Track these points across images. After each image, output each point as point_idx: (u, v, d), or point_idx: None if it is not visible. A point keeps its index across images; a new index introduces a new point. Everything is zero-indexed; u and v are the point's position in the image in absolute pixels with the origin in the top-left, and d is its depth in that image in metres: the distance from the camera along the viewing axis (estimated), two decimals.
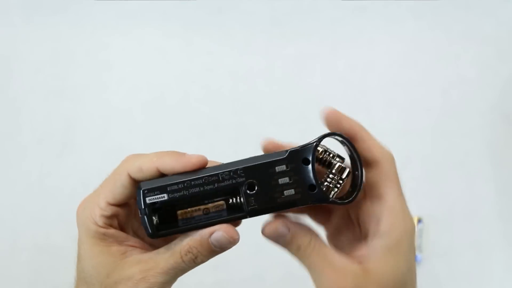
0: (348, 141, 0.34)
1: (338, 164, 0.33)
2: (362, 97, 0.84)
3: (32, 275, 0.78)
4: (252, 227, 0.81)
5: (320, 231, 0.38)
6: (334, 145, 0.36)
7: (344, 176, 0.33)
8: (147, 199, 0.31)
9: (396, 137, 0.83)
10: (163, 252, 0.33)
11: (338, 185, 0.33)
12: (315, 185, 0.32)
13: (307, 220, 0.38)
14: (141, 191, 0.32)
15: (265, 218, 0.35)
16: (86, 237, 0.33)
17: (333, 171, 0.33)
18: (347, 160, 0.35)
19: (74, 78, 0.86)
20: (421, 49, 0.86)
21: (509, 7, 0.86)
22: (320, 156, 0.34)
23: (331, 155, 0.34)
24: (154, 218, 0.32)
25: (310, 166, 0.32)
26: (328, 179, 0.33)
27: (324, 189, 0.33)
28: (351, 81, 0.85)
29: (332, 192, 0.33)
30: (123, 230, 0.35)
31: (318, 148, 0.34)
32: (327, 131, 0.34)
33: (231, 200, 0.33)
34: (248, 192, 0.32)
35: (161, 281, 0.33)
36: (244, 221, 0.36)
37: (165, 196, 0.31)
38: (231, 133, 0.83)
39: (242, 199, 0.32)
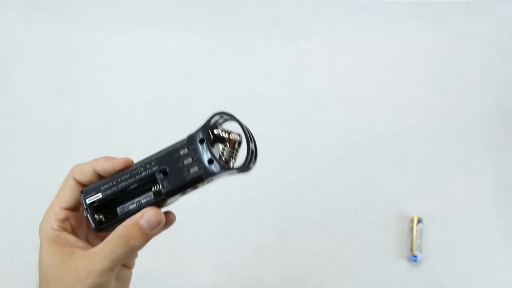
0: (233, 117, 0.38)
1: (229, 137, 0.38)
2: (362, 97, 0.84)
3: (32, 275, 0.78)
4: (252, 227, 0.81)
5: None
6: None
7: (235, 146, 0.38)
8: (86, 199, 0.38)
9: (396, 137, 0.83)
10: (101, 244, 0.37)
11: (234, 155, 0.38)
12: (212, 159, 0.37)
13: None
14: (82, 194, 0.39)
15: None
16: (44, 240, 0.40)
17: (226, 144, 0.38)
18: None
19: (74, 78, 0.86)
20: (421, 49, 0.86)
21: (509, 7, 0.86)
22: (217, 134, 0.38)
23: (225, 132, 0.38)
24: (97, 216, 0.38)
25: (205, 144, 0.37)
26: (225, 152, 0.38)
27: (223, 160, 0.38)
28: (351, 81, 0.85)
29: (231, 163, 0.38)
30: (75, 235, 0.40)
31: (218, 130, 0.38)
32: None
33: (154, 187, 0.38)
34: (162, 176, 0.37)
35: (99, 269, 0.36)
36: (244, 221, 0.38)
37: (100, 195, 0.38)
38: None
39: (159, 184, 0.37)
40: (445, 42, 0.86)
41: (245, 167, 0.38)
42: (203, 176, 0.37)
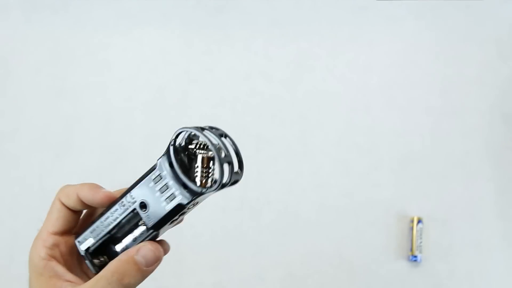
0: (198, 131, 0.33)
1: (200, 156, 0.34)
2: (362, 97, 0.84)
3: None
4: (252, 228, 0.81)
5: None
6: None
7: (209, 164, 0.34)
8: (81, 246, 0.36)
9: (396, 137, 0.83)
10: (91, 281, 0.34)
11: (206, 174, 0.34)
12: (185, 183, 0.33)
13: None
14: (76, 241, 0.37)
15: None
16: (31, 272, 0.36)
17: (198, 164, 0.34)
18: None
19: (74, 78, 0.86)
20: (421, 49, 0.86)
21: (509, 7, 0.86)
22: (187, 152, 0.34)
23: (196, 147, 0.34)
24: (96, 260, 0.36)
25: (176, 168, 0.33)
26: (198, 173, 0.34)
27: (198, 182, 0.33)
28: (351, 81, 0.85)
29: (204, 182, 0.34)
30: (66, 262, 0.37)
31: (180, 145, 0.34)
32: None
33: (141, 221, 0.35)
34: (144, 211, 0.34)
35: None
36: (244, 221, 0.37)
37: (92, 240, 0.36)
38: (231, 133, 0.83)
39: (143, 220, 0.34)
40: (445, 42, 0.86)
41: (227, 184, 0.34)
42: (183, 204, 0.33)
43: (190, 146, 0.34)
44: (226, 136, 0.35)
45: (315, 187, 0.81)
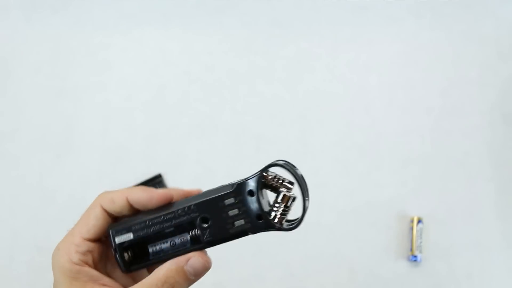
0: (290, 171, 0.34)
1: (283, 193, 0.34)
2: (362, 97, 0.84)
3: (32, 275, 0.78)
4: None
5: None
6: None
7: (289, 204, 0.34)
8: (116, 239, 0.35)
9: (396, 137, 0.83)
10: (139, 286, 0.33)
11: (285, 213, 0.34)
12: (261, 215, 0.34)
13: None
14: (110, 232, 0.35)
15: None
16: (62, 276, 0.34)
17: (278, 200, 0.34)
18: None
19: (74, 78, 0.86)
20: (421, 49, 0.86)
21: (509, 7, 0.86)
22: (270, 183, 0.35)
23: (280, 181, 0.35)
24: (126, 254, 0.35)
25: (255, 197, 0.34)
26: (275, 208, 0.34)
27: (272, 216, 0.34)
28: (351, 81, 0.85)
29: (280, 219, 0.34)
30: (98, 269, 0.35)
31: (268, 174, 0.35)
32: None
33: (191, 232, 0.35)
34: (203, 225, 0.34)
35: None
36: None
37: (131, 236, 0.35)
38: (231, 133, 0.83)
39: (198, 231, 0.35)
40: (445, 42, 0.86)
41: (295, 227, 0.34)
42: (248, 232, 0.34)
43: (271, 180, 0.34)
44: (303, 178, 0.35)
45: (315, 187, 0.81)
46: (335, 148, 0.83)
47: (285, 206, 0.34)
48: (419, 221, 0.78)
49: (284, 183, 0.34)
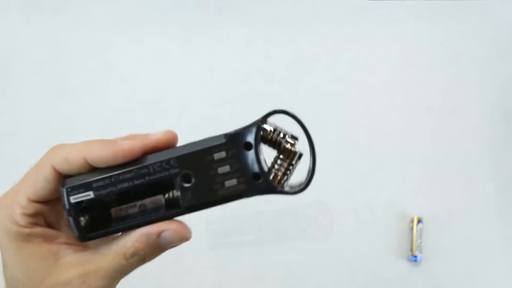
0: (297, 120, 0.29)
1: (286, 147, 0.28)
2: (362, 97, 0.84)
3: None
4: (252, 228, 0.81)
5: None
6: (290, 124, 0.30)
7: (294, 161, 0.29)
8: (71, 198, 0.28)
9: (396, 137, 0.83)
10: (104, 252, 0.29)
11: (288, 172, 0.29)
12: (259, 174, 0.28)
13: None
14: (65, 189, 0.28)
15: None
16: (9, 240, 0.29)
17: (281, 156, 0.29)
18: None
19: (74, 78, 0.86)
20: (421, 49, 0.86)
21: (509, 7, 0.86)
22: (269, 137, 0.29)
23: (281, 135, 0.29)
24: (83, 218, 0.28)
25: (253, 151, 0.28)
26: (276, 165, 0.29)
27: (271, 177, 0.28)
28: (351, 81, 0.85)
29: (282, 180, 0.29)
30: (53, 228, 0.30)
31: (266, 127, 0.29)
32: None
33: (167, 194, 0.29)
34: (184, 185, 0.28)
35: (103, 285, 0.28)
36: (244, 221, 0.36)
37: (90, 194, 0.27)
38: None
39: (177, 193, 0.28)
40: (445, 42, 0.86)
41: (301, 191, 0.29)
42: (242, 195, 0.28)
43: (266, 127, 0.28)
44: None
45: (315, 187, 0.81)
46: (335, 148, 0.83)
47: (289, 164, 0.29)
48: (419, 221, 0.78)
49: (286, 137, 0.29)
